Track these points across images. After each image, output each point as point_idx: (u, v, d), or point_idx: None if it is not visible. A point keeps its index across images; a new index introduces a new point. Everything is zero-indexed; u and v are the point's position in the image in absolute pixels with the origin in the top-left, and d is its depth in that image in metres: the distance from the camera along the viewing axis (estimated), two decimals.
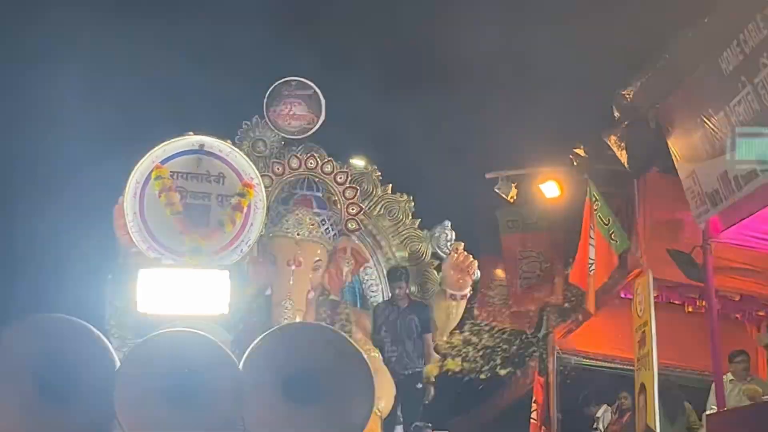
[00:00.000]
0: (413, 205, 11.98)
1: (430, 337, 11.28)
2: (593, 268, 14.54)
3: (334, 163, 11.46)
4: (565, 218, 16.18)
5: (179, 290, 8.09)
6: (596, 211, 14.47)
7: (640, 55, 12.84)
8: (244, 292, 10.41)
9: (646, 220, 13.67)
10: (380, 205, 11.90)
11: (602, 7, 12.57)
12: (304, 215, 10.97)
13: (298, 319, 10.34)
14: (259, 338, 7.55)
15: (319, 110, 11.64)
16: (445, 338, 11.82)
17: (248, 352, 7.38)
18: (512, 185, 16.52)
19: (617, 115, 13.29)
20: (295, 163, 11.35)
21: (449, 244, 11.64)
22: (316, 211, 11.15)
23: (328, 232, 11.13)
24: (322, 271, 10.93)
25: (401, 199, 11.95)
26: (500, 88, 14.21)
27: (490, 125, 15.59)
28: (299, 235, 10.82)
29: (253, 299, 10.82)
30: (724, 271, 12.31)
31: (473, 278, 11.51)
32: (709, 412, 12.28)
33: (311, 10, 18.64)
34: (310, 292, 10.73)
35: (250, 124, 11.76)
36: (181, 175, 8.64)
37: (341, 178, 11.35)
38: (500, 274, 17.95)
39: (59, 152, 19.77)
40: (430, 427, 11.28)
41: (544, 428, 17.54)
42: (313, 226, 10.95)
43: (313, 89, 11.66)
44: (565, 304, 16.86)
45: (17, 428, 7.23)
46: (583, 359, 16.87)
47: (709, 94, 11.34)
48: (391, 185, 11.98)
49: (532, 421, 18.05)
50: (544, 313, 17.64)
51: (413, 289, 11.58)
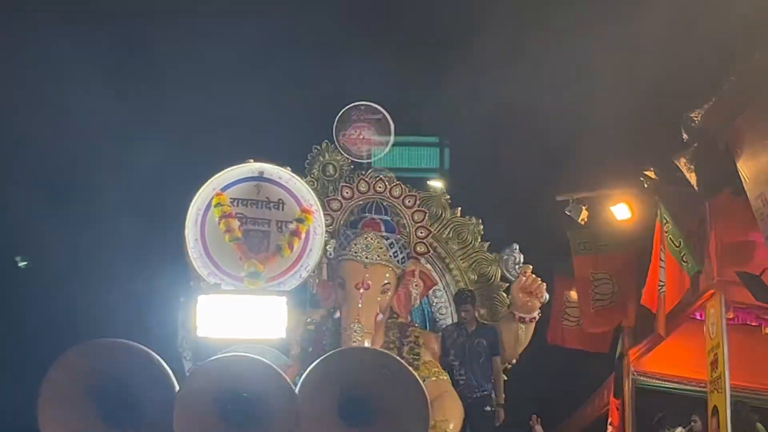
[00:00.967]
0: (482, 228, 11.83)
1: (498, 359, 10.97)
2: (663, 290, 14.14)
3: (402, 186, 11.39)
4: (636, 240, 15.88)
5: (238, 315, 8.08)
6: (667, 233, 14.15)
7: (709, 76, 12.51)
8: (311, 316, 10.52)
9: (717, 242, 13.38)
10: (449, 228, 11.75)
11: (671, 26, 12.25)
12: (372, 239, 10.80)
13: (366, 341, 10.23)
14: (316, 362, 7.41)
15: (388, 134, 11.70)
16: (514, 361, 11.51)
17: (305, 375, 7.28)
18: (583, 207, 16.18)
19: (686, 137, 12.95)
20: (363, 186, 11.28)
21: (518, 267, 11.39)
22: (384, 234, 10.90)
23: (396, 255, 10.87)
24: (390, 294, 10.75)
25: (470, 222, 11.82)
26: (569, 110, 13.98)
27: (560, 148, 15.45)
28: (368, 258, 10.68)
29: (322, 322, 10.74)
30: None
31: (542, 301, 11.18)
32: None
33: (378, 32, 18.48)
34: (378, 314, 10.58)
35: (320, 148, 11.69)
36: (240, 201, 8.64)
37: (410, 201, 11.29)
38: (573, 295, 17.63)
39: (130, 177, 19.60)
40: None
41: None
42: (381, 249, 10.76)
43: (382, 113, 11.69)
44: (637, 326, 16.59)
45: None
46: (657, 381, 16.57)
47: None
48: (459, 209, 11.82)
49: None
50: (618, 335, 17.33)
51: (482, 311, 11.35)
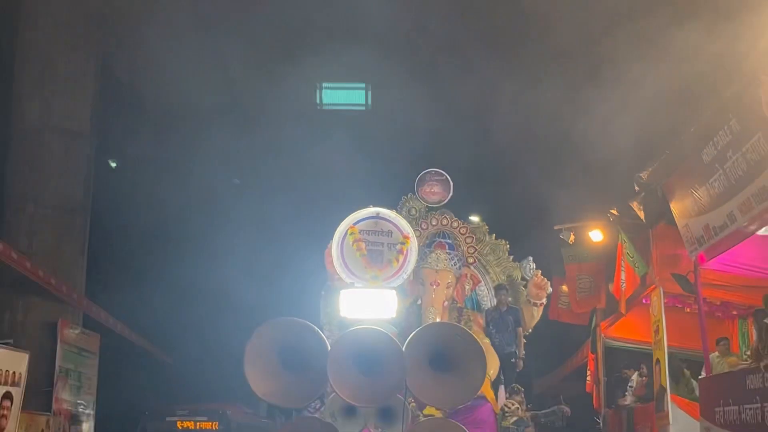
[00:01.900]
0: (509, 247, 12.20)
1: (520, 330, 11.55)
2: (624, 285, 14.68)
3: (459, 221, 11.77)
4: (605, 254, 16.20)
5: (366, 302, 8.10)
6: (625, 249, 14.58)
7: (651, 151, 12.70)
8: (404, 302, 10.41)
9: (657, 254, 13.57)
10: (488, 246, 12.15)
11: (627, 113, 12.13)
12: (440, 254, 11.27)
13: (437, 319, 10.60)
14: (414, 331, 7.47)
15: (448, 189, 11.92)
16: (530, 330, 11.87)
17: (408, 339, 7.28)
18: (571, 233, 16.76)
19: (637, 189, 13.27)
20: (434, 221, 11.72)
21: (531, 271, 11.85)
22: (447, 251, 11.44)
23: (455, 264, 11.38)
24: (452, 289, 11.21)
25: (501, 242, 12.23)
26: (566, 172, 13.98)
27: (558, 196, 15.42)
28: (438, 266, 11.13)
29: (410, 306, 11.02)
30: (708, 286, 12.10)
31: (547, 292, 11.76)
32: (701, 377, 12.26)
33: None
34: (444, 302, 11.06)
35: (406, 197, 12.06)
36: (365, 231, 8.57)
37: (463, 231, 11.67)
38: (565, 289, 18.11)
39: (279, 215, 19.95)
40: (522, 390, 11.51)
41: (595, 386, 17.59)
42: (446, 260, 11.24)
43: (445, 176, 11.95)
44: (606, 307, 16.83)
45: (269, 387, 7.10)
46: (619, 342, 16.67)
47: (695, 175, 11.25)
48: (494, 234, 12.22)
49: (587, 381, 18.12)
50: (593, 313, 17.57)
51: (510, 299, 11.68)
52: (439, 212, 11.88)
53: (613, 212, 15.13)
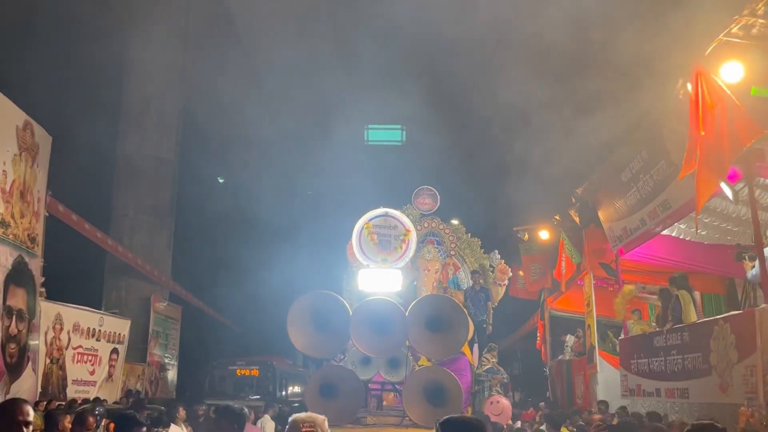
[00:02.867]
0: (481, 242, 11.87)
1: (490, 303, 11.29)
2: (564, 271, 14.46)
3: (444, 224, 11.58)
4: (551, 248, 15.92)
5: (378, 279, 8.04)
6: (565, 244, 14.40)
7: (585, 172, 12.53)
8: (404, 282, 9.24)
9: (588, 248, 13.39)
10: (465, 243, 11.78)
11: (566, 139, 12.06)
12: (431, 248, 11.04)
13: None
14: (414, 301, 7.22)
15: (436, 201, 11.60)
16: (496, 304, 11.51)
17: (410, 307, 6.99)
18: (526, 232, 16.54)
19: (574, 200, 13.18)
20: (426, 224, 11.45)
21: (497, 260, 11.70)
22: (436, 246, 11.21)
23: (441, 255, 11.19)
24: (439, 273, 10.99)
25: (475, 240, 11.88)
26: (521, 187, 13.49)
27: (517, 206, 15.06)
28: (428, 257, 10.90)
29: (409, 286, 10.28)
30: (626, 272, 11.95)
31: (508, 276, 11.65)
32: (620, 338, 12.10)
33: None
34: (434, 283, 10.79)
35: (405, 206, 11.48)
36: (376, 226, 8.40)
37: (447, 231, 11.50)
38: (521, 273, 17.69)
39: (308, 214, 20.03)
40: (496, 348, 11.25)
41: (542, 345, 17.42)
42: (435, 253, 11.01)
43: (434, 191, 11.66)
44: (552, 287, 16.58)
45: (305, 343, 6.86)
46: (561, 312, 16.47)
47: (616, 191, 11.18)
48: (470, 234, 11.89)
49: (537, 341, 17.96)
50: (542, 291, 17.34)
51: (482, 281, 11.37)
52: (429, 217, 11.66)
53: (556, 218, 14.99)
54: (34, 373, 11.37)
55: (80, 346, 13.32)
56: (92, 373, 13.91)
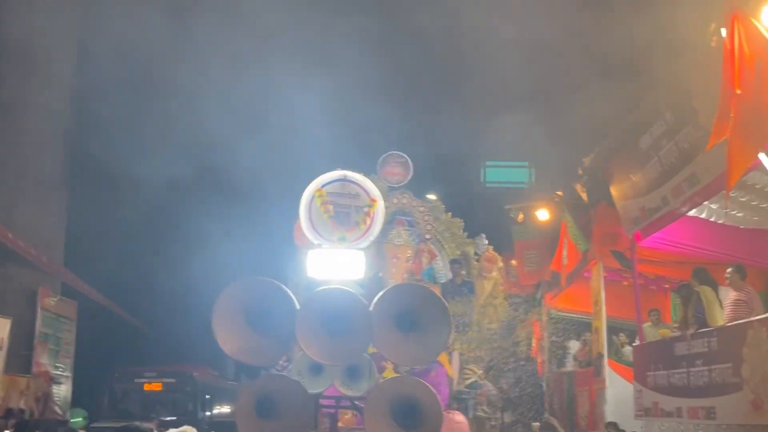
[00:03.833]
0: (464, 224, 12.19)
1: (474, 300, 11.51)
2: (565, 261, 14.81)
3: (418, 201, 11.84)
4: (550, 231, 16.31)
5: (334, 263, 7.83)
6: (568, 227, 14.75)
7: (595, 136, 12.88)
8: (367, 275, 9.45)
9: (597, 232, 13.67)
10: (444, 224, 12.08)
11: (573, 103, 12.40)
12: (400, 230, 11.39)
13: None
14: (381, 292, 6.88)
15: (408, 170, 11.77)
16: (481, 301, 11.64)
17: (375, 299, 6.78)
18: (520, 212, 16.97)
19: (581, 172, 13.52)
20: (395, 200, 11.65)
21: (484, 246, 11.96)
22: (407, 228, 11.50)
23: (414, 240, 11.46)
24: (410, 262, 11.34)
25: (456, 221, 12.21)
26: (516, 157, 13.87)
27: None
28: (398, 241, 11.26)
29: (373, 278, 10.67)
30: (643, 262, 12.29)
31: (497, 266, 11.86)
32: (635, 344, 12.46)
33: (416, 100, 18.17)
34: (404, 274, 11.11)
35: (369, 177, 11.33)
36: (332, 194, 8.34)
37: (422, 209, 11.76)
38: (514, 263, 18.04)
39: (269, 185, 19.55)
40: (483, 357, 11.59)
41: (540, 352, 17.88)
42: (405, 236, 11.36)
43: (405, 158, 11.79)
44: (551, 281, 16.88)
45: (237, 346, 6.67)
46: (561, 313, 16.84)
47: (633, 162, 11.45)
48: (450, 213, 12.18)
49: (533, 346, 18.40)
50: (539, 286, 17.75)
51: (464, 272, 11.65)
52: (399, 192, 11.77)
53: (558, 194, 15.26)
54: None
55: None
56: None
